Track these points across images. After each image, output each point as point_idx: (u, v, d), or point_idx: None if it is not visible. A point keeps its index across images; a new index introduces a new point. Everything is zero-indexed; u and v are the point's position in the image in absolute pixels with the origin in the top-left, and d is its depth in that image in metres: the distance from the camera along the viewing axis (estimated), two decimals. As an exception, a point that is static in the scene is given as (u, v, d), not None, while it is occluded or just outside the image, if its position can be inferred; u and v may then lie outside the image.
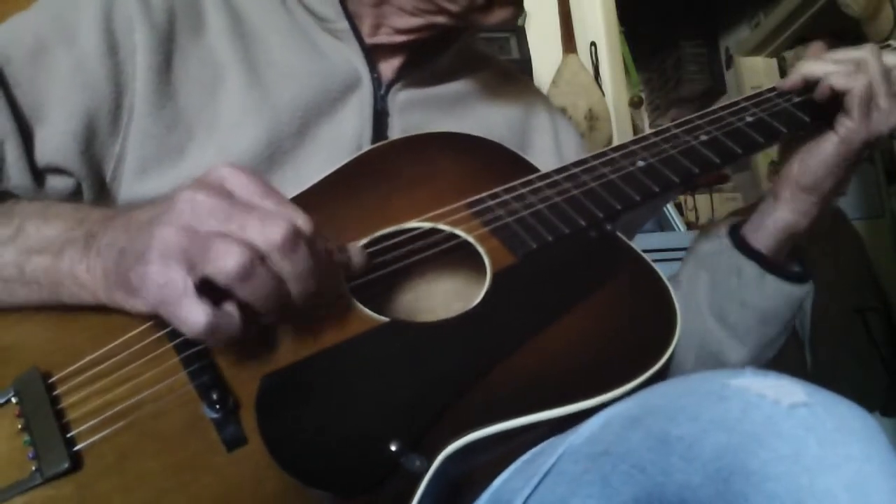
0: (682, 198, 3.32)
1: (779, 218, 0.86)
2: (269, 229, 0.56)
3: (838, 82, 0.81)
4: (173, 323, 0.57)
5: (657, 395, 0.57)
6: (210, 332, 0.55)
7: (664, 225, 2.44)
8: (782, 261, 0.88)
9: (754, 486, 0.47)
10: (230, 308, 0.57)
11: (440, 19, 0.85)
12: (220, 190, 0.58)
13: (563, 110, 2.48)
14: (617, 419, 0.57)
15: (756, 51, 3.75)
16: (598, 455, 0.56)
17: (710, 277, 0.89)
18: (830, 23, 2.96)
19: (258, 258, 0.56)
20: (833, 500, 0.45)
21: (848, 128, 0.81)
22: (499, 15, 0.84)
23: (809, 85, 0.85)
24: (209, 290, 0.56)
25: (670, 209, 2.46)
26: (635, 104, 3.08)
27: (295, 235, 0.57)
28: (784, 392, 0.50)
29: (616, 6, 2.77)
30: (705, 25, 4.14)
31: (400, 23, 0.86)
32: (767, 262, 0.87)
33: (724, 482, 0.48)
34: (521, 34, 2.53)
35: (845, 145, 0.82)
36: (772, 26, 3.54)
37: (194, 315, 0.55)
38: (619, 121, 2.64)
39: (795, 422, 0.48)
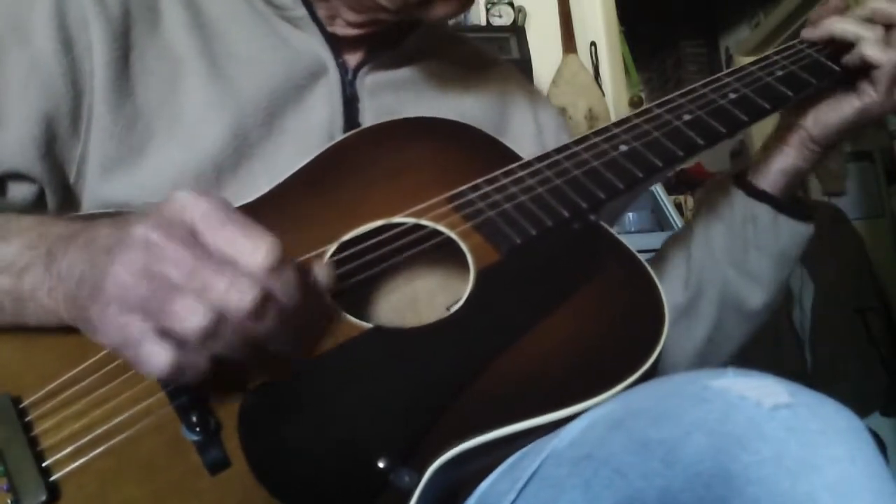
0: (682, 198, 3.31)
1: (787, 163, 0.87)
2: (237, 296, 0.51)
3: (873, 54, 0.80)
4: (134, 364, 0.53)
5: (640, 398, 0.57)
6: (176, 374, 0.53)
7: (664, 225, 2.43)
8: (790, 202, 0.89)
9: (736, 491, 0.46)
10: (195, 353, 0.53)
11: (382, 16, 0.83)
12: (180, 230, 0.53)
13: (563, 110, 2.47)
14: (600, 422, 0.56)
15: (756, 51, 3.73)
16: (581, 459, 0.55)
17: (725, 227, 0.90)
18: (830, 22, 2.95)
19: (223, 319, 0.52)
20: (816, 503, 0.45)
21: (871, 98, 0.82)
22: (441, 9, 0.81)
23: (835, 41, 0.85)
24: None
25: (670, 209, 2.45)
26: (635, 104, 3.07)
27: (264, 298, 0.52)
28: (766, 393, 0.50)
29: (616, 6, 2.77)
30: (705, 25, 4.14)
31: (349, 17, 0.85)
32: (779, 204, 0.88)
33: (706, 487, 0.47)
34: (521, 34, 2.53)
35: (864, 112, 0.83)
36: (772, 26, 3.53)
37: (156, 359, 0.52)
38: (618, 121, 2.63)
39: (777, 423, 0.48)
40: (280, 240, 0.54)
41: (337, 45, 0.86)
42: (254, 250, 0.53)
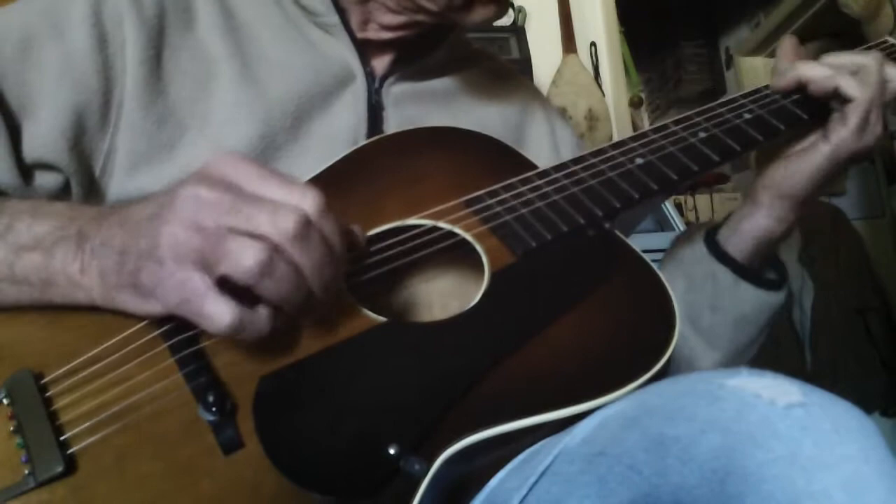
0: (682, 198, 3.32)
1: (756, 223, 0.85)
2: (280, 220, 0.55)
3: (849, 89, 0.79)
4: (198, 322, 0.56)
5: (653, 396, 0.57)
6: (238, 329, 0.55)
7: (664, 225, 2.44)
8: (757, 267, 0.87)
9: (750, 487, 0.47)
10: (258, 307, 0.56)
11: (421, 17, 0.84)
12: (221, 182, 0.57)
13: (563, 110, 2.48)
14: (613, 419, 0.57)
15: (756, 51, 3.75)
16: (595, 456, 0.55)
17: (686, 283, 0.88)
18: (830, 23, 2.96)
19: (275, 252, 0.55)
20: (829, 501, 0.45)
21: (841, 137, 0.80)
22: (480, 13, 0.83)
23: (801, 87, 0.84)
24: (226, 285, 0.55)
25: (670, 209, 2.45)
26: (635, 104, 3.08)
27: (306, 223, 0.56)
28: (780, 392, 0.50)
29: (616, 6, 2.77)
30: (705, 25, 4.14)
31: (385, 19, 0.86)
32: (742, 269, 0.86)
33: (720, 483, 0.48)
34: (521, 34, 2.53)
35: (834, 154, 0.80)
36: (772, 26, 3.54)
37: (220, 313, 0.54)
38: (619, 121, 2.64)
39: (791, 422, 0.48)
40: None
41: (366, 53, 0.88)
42: (293, 188, 0.57)
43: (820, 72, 0.82)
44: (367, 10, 0.86)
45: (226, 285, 0.55)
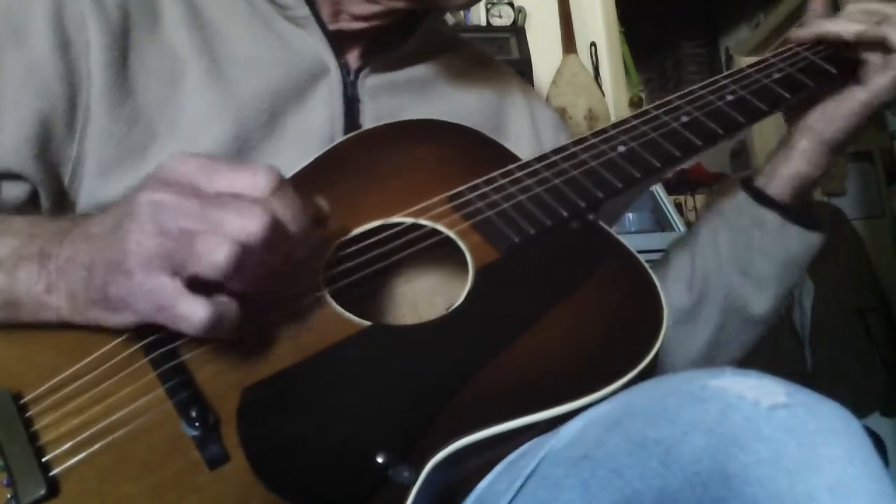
0: (682, 198, 3.32)
1: (795, 167, 0.87)
2: (248, 222, 0.54)
3: (876, 32, 0.81)
4: (174, 325, 0.55)
5: (637, 397, 0.56)
6: (214, 324, 0.54)
7: (664, 225, 2.43)
8: (798, 209, 0.89)
9: (734, 491, 0.46)
10: (224, 297, 0.56)
11: (399, 4, 0.83)
12: (176, 183, 0.56)
13: (563, 110, 2.48)
14: (597, 422, 0.56)
15: (756, 51, 3.74)
16: (579, 459, 0.55)
17: (731, 231, 0.90)
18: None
19: (245, 247, 0.54)
20: (814, 503, 0.45)
21: (880, 84, 0.82)
22: None
23: (823, 40, 0.86)
24: (193, 284, 0.55)
25: (670, 209, 2.45)
26: (635, 104, 3.08)
27: (272, 220, 0.55)
28: (764, 393, 0.50)
29: (616, 6, 2.77)
30: (705, 25, 4.14)
31: (358, 10, 0.85)
32: (788, 212, 0.88)
33: (703, 486, 0.47)
34: (521, 34, 2.53)
35: (870, 100, 0.83)
36: (772, 26, 3.54)
37: (195, 311, 0.54)
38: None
39: (775, 423, 0.48)
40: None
41: (338, 45, 0.86)
42: (253, 178, 0.56)
43: (853, 26, 0.84)
44: (337, 1, 0.85)
45: (193, 284, 0.55)
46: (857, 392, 2.61)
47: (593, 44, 2.69)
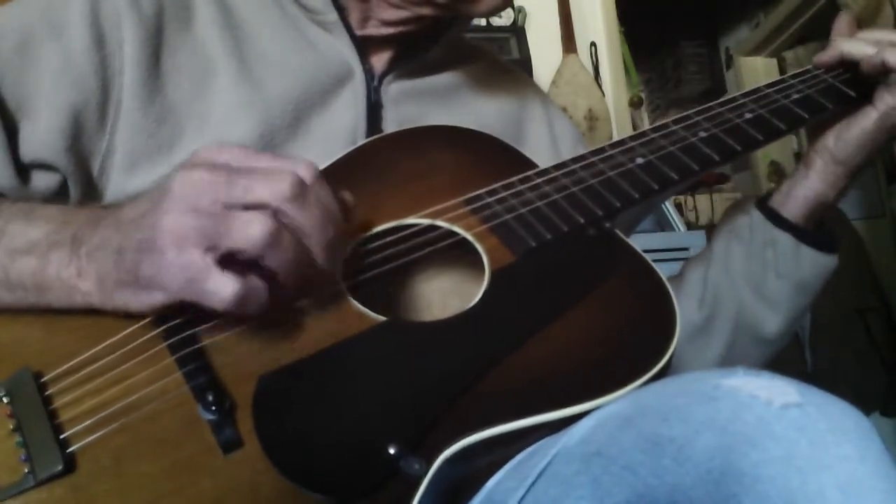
0: (682, 198, 3.33)
1: (810, 188, 0.87)
2: (275, 184, 0.56)
3: (892, 59, 0.81)
4: (202, 300, 0.56)
5: (650, 396, 0.57)
6: (241, 301, 0.56)
7: (664, 225, 2.44)
8: (813, 231, 0.89)
9: (746, 488, 0.46)
10: (254, 277, 0.57)
11: (426, 10, 0.84)
12: (213, 164, 0.58)
13: (563, 110, 2.48)
14: (610, 420, 0.57)
15: (756, 51, 3.75)
16: (591, 456, 0.55)
17: (744, 250, 0.90)
18: (830, 23, 2.95)
19: (278, 219, 0.56)
20: (825, 502, 0.45)
21: (888, 104, 0.83)
22: (488, 3, 0.83)
23: (844, 63, 0.87)
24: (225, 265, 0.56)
25: (670, 209, 2.46)
26: (635, 104, 3.08)
27: (301, 183, 0.57)
28: (776, 392, 0.50)
29: (616, 6, 2.77)
30: (705, 25, 4.14)
31: (387, 15, 0.86)
32: (802, 234, 0.88)
33: (716, 484, 0.48)
34: (521, 34, 2.54)
35: (883, 120, 0.84)
36: (772, 26, 3.54)
37: (223, 287, 0.55)
38: (618, 121, 2.64)
39: (787, 422, 0.48)
40: None
41: (364, 51, 0.88)
42: (283, 159, 0.59)
43: (860, 48, 0.85)
44: (367, 6, 0.86)
45: (224, 264, 0.56)
46: (857, 392, 2.61)
47: (593, 44, 2.70)
